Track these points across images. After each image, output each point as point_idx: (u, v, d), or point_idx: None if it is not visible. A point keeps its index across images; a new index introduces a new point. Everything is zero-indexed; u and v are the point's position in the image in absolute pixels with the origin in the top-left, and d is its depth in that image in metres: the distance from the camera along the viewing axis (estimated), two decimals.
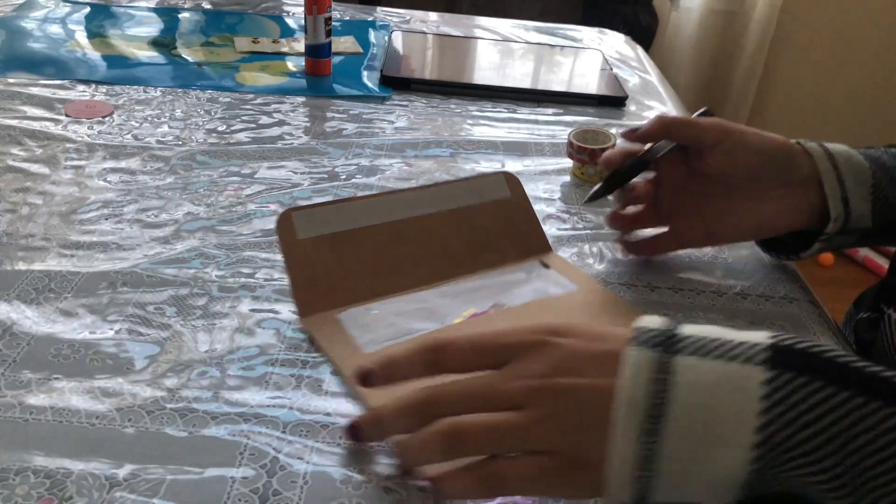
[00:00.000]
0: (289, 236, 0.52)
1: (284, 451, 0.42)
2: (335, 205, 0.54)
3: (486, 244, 0.58)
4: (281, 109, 0.83)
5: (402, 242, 0.55)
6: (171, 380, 0.46)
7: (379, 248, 0.54)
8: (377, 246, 0.54)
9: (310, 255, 0.52)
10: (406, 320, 0.52)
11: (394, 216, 0.55)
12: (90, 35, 0.99)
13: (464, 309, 0.53)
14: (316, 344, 0.49)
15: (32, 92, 0.82)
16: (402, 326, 0.51)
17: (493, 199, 0.59)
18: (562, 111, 0.90)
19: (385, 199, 0.56)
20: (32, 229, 0.59)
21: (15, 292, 0.52)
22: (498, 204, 0.60)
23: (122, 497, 0.38)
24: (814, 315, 0.57)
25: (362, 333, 0.50)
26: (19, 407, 0.43)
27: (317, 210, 0.54)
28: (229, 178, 0.69)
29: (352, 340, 0.49)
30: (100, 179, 0.67)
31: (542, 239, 0.61)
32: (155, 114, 0.80)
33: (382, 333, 0.50)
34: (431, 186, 0.58)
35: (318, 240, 0.53)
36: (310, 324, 0.51)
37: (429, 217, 0.56)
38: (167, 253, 0.58)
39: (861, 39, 2.15)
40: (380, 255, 0.54)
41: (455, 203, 0.58)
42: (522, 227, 0.60)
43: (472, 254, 0.57)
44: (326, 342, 0.49)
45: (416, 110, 0.87)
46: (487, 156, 0.77)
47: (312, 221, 0.53)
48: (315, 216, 0.53)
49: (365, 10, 1.20)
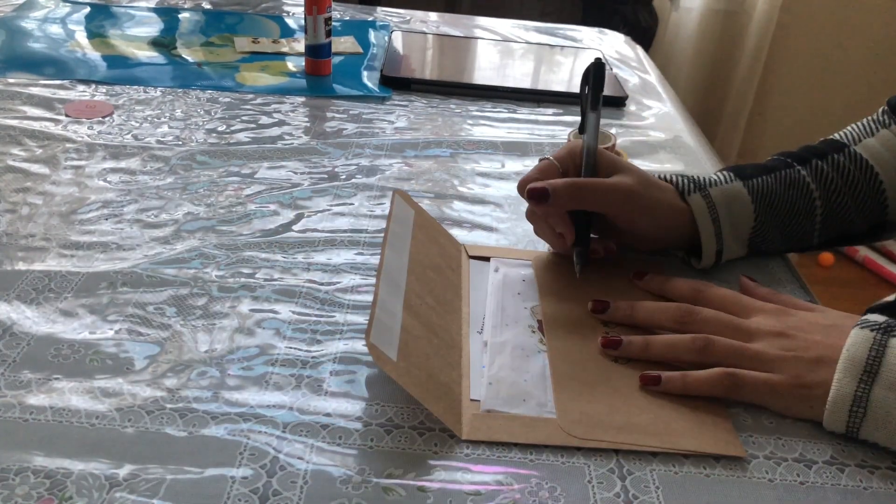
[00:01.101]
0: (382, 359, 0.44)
1: (284, 451, 0.42)
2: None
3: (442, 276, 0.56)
4: (281, 109, 0.83)
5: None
6: (171, 380, 0.46)
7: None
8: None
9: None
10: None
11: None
12: (90, 35, 0.99)
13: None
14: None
15: (32, 92, 0.82)
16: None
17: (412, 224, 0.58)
18: (562, 111, 0.90)
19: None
20: (32, 229, 0.59)
21: (15, 292, 0.52)
22: (418, 227, 0.58)
23: (122, 497, 0.38)
24: None
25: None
26: (19, 407, 0.43)
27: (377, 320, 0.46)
28: (229, 178, 0.69)
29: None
30: (100, 179, 0.67)
31: (455, 243, 0.61)
32: (155, 114, 0.80)
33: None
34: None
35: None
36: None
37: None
38: (167, 253, 0.58)
39: (861, 39, 2.15)
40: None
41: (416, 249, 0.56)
42: (440, 239, 0.60)
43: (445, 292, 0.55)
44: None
45: (416, 110, 0.87)
46: (487, 156, 0.77)
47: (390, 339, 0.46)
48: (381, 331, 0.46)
49: (365, 10, 1.20)
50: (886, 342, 0.45)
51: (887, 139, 0.64)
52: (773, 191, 0.60)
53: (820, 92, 2.22)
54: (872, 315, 0.47)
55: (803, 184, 0.61)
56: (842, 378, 0.45)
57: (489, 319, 0.53)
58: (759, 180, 0.61)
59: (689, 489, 0.42)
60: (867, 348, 0.45)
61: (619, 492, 0.41)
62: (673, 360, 0.49)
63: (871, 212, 0.63)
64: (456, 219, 0.66)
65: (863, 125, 0.66)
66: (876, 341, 0.45)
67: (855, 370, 0.45)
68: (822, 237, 0.63)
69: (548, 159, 0.58)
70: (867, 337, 0.45)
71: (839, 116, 2.33)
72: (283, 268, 0.57)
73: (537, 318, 0.54)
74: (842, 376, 0.45)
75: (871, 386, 0.44)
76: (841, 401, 0.45)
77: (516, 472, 0.42)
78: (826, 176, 0.62)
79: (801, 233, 0.62)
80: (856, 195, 0.62)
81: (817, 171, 0.62)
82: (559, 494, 0.41)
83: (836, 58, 2.18)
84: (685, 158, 0.81)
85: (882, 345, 0.45)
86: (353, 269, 0.58)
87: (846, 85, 2.22)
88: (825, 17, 2.13)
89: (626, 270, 0.59)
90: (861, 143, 0.64)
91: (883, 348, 0.45)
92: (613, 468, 0.43)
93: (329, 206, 0.66)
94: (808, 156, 0.63)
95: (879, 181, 0.62)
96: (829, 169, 0.62)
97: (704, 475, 0.43)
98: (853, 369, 0.45)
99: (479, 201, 0.69)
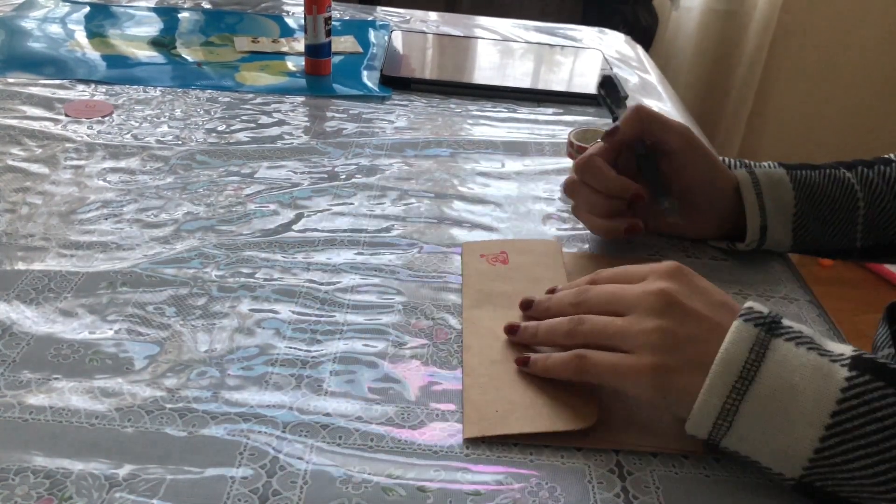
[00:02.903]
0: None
1: (284, 451, 0.42)
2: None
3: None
4: (281, 109, 0.83)
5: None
6: (171, 380, 0.46)
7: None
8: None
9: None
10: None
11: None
12: (90, 35, 0.99)
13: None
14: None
15: (32, 92, 0.82)
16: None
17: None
18: (562, 111, 0.90)
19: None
20: (32, 229, 0.59)
21: (14, 292, 0.52)
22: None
23: (122, 497, 0.38)
24: (814, 315, 0.57)
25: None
26: (19, 407, 0.43)
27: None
28: (229, 177, 0.69)
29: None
30: (99, 179, 0.67)
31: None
32: (155, 114, 0.80)
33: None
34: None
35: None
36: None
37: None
38: (167, 253, 0.58)
39: (861, 39, 2.15)
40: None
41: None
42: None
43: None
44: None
45: (416, 110, 0.87)
46: (487, 155, 0.77)
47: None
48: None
49: (365, 9, 1.20)
50: (769, 343, 0.41)
51: None
52: (815, 182, 0.61)
53: (820, 92, 2.22)
54: (757, 304, 0.43)
55: (847, 183, 0.62)
56: (712, 386, 0.41)
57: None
58: (802, 172, 0.62)
59: (689, 489, 0.42)
60: (747, 348, 0.41)
61: (619, 492, 0.41)
62: (553, 344, 0.48)
63: None
64: (456, 219, 0.66)
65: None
66: (758, 340, 0.41)
67: (729, 376, 0.40)
68: (864, 241, 0.62)
69: (601, 143, 0.61)
70: (749, 334, 0.41)
71: (839, 116, 2.33)
72: (283, 268, 0.57)
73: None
74: (713, 383, 0.41)
75: (743, 395, 0.40)
76: (707, 411, 0.41)
77: (516, 472, 0.42)
78: (871, 181, 0.62)
79: (842, 231, 0.62)
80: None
81: (862, 175, 0.62)
82: (559, 494, 0.41)
83: (836, 58, 2.18)
84: None
85: (764, 346, 0.41)
86: (353, 269, 0.58)
87: (846, 85, 2.22)
88: (825, 17, 2.13)
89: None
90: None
91: (763, 350, 0.41)
92: (613, 468, 0.43)
93: (329, 205, 0.66)
94: (854, 163, 0.64)
95: None
96: (875, 175, 0.63)
97: (704, 475, 0.43)
98: (727, 375, 0.41)
99: (479, 201, 0.69)
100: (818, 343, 0.42)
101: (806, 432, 0.39)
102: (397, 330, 0.52)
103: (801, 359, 0.41)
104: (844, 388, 0.39)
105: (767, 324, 0.42)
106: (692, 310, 0.44)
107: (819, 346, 0.42)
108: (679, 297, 0.44)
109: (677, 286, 0.45)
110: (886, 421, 0.38)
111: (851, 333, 1.41)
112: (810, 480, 0.40)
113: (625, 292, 0.46)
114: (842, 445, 0.39)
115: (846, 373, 0.40)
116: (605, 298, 0.47)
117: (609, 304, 0.46)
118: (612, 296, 0.47)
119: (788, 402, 0.40)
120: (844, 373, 0.40)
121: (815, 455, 0.39)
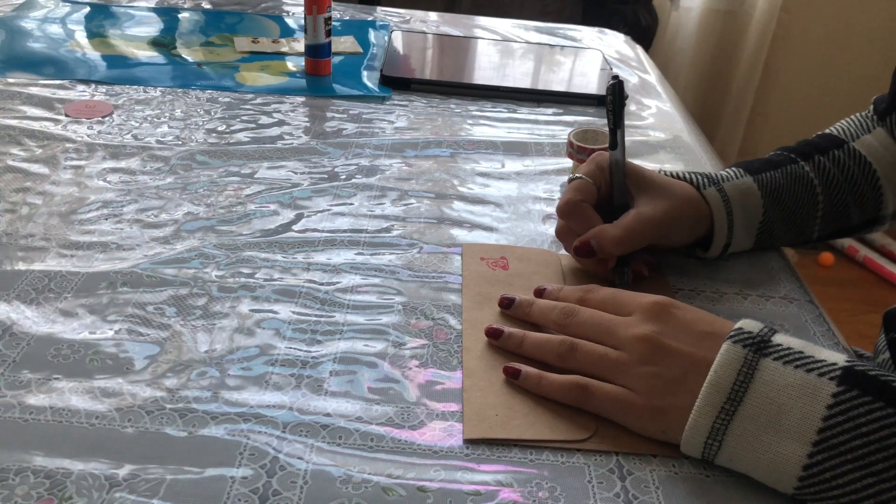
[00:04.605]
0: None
1: (284, 451, 0.42)
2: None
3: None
4: (281, 109, 0.83)
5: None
6: (171, 380, 0.46)
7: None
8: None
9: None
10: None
11: None
12: (90, 35, 0.99)
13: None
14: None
15: (32, 92, 0.82)
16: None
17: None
18: (562, 111, 0.90)
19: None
20: (32, 229, 0.59)
21: (15, 292, 0.52)
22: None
23: (122, 497, 0.38)
24: (814, 315, 0.57)
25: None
26: (19, 407, 0.43)
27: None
28: (229, 178, 0.69)
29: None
30: (99, 179, 0.67)
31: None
32: (155, 114, 0.80)
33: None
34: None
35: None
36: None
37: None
38: (167, 253, 0.58)
39: (861, 39, 2.15)
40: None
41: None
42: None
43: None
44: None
45: (416, 110, 0.87)
46: (487, 156, 0.77)
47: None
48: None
49: (365, 10, 1.20)
50: (757, 363, 0.42)
51: (883, 136, 0.65)
52: (780, 186, 0.62)
53: (820, 92, 2.22)
54: (748, 323, 0.44)
55: (807, 179, 0.63)
56: (701, 407, 0.42)
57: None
58: (767, 175, 0.62)
59: (689, 489, 0.42)
60: (735, 370, 0.42)
61: (619, 492, 0.41)
62: (541, 359, 0.49)
63: (867, 206, 0.65)
64: (456, 219, 0.66)
65: (858, 121, 0.68)
66: (746, 362, 0.42)
67: (718, 397, 0.42)
68: (821, 231, 0.64)
69: (580, 178, 0.58)
70: (737, 356, 0.42)
71: (839, 116, 2.33)
72: (283, 268, 0.57)
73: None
74: (702, 404, 0.42)
75: (732, 416, 0.41)
76: (697, 431, 0.42)
77: (516, 471, 0.42)
78: (828, 172, 0.63)
79: (802, 226, 0.63)
80: (855, 190, 0.64)
81: (819, 167, 0.63)
82: (559, 494, 0.41)
83: (836, 58, 2.18)
84: (685, 158, 0.81)
85: (752, 367, 0.42)
86: (353, 269, 0.58)
87: (846, 85, 2.22)
88: (825, 17, 2.13)
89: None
90: (859, 139, 0.65)
91: (752, 371, 0.42)
92: (613, 468, 0.43)
93: (329, 206, 0.66)
94: (809, 151, 0.64)
95: (877, 177, 0.64)
96: (831, 165, 0.63)
97: (704, 475, 0.43)
98: (716, 396, 0.42)
99: (479, 201, 0.69)
100: (809, 355, 0.42)
101: (794, 449, 0.40)
102: (397, 330, 0.52)
103: (788, 378, 0.41)
104: (830, 405, 0.40)
105: (756, 343, 0.43)
106: (678, 351, 0.45)
107: (810, 358, 0.42)
108: (664, 341, 0.45)
109: (662, 327, 0.46)
110: (871, 436, 0.39)
111: (851, 333, 1.41)
112: (804, 497, 0.41)
113: (614, 328, 0.47)
114: (829, 461, 0.39)
115: (833, 388, 0.40)
116: (593, 327, 0.48)
117: (597, 334, 0.48)
118: (599, 326, 0.48)
119: (776, 421, 0.41)
120: (832, 388, 0.40)
121: (805, 472, 0.40)
